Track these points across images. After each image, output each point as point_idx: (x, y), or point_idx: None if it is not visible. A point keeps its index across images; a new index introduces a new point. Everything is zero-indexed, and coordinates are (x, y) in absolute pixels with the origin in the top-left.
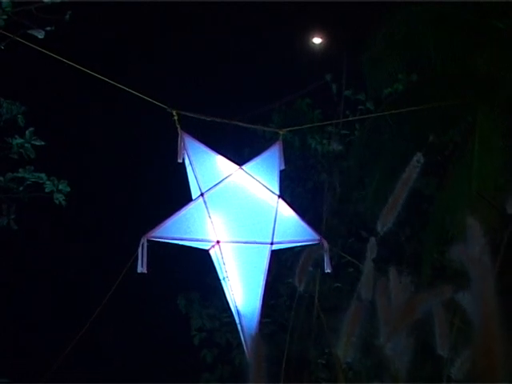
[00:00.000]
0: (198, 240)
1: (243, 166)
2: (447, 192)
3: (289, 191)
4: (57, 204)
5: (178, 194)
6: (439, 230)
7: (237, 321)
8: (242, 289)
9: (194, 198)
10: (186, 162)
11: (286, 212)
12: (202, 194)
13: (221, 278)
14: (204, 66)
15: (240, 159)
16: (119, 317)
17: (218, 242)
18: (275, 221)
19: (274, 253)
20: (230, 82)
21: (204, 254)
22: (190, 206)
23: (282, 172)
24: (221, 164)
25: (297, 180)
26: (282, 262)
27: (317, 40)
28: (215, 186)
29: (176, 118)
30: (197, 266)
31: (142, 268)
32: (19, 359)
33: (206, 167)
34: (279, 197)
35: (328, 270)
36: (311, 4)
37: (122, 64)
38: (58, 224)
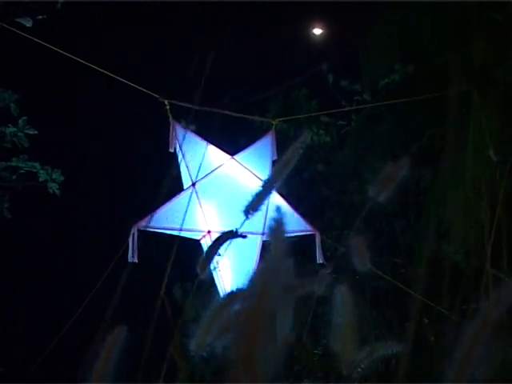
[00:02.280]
0: (188, 230)
1: (235, 156)
2: (441, 183)
3: (285, 182)
4: (51, 193)
5: (170, 184)
6: (432, 221)
7: None
8: (233, 279)
9: (185, 187)
10: (178, 151)
11: (278, 202)
12: (193, 184)
13: (211, 268)
14: (202, 56)
15: (236, 149)
16: (111, 306)
17: (208, 231)
18: (267, 211)
19: (267, 243)
20: (228, 72)
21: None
22: (181, 196)
23: (274, 162)
24: (212, 154)
25: (293, 170)
26: None
27: (317, 31)
28: (206, 175)
29: (168, 107)
30: (193, 255)
31: (132, 258)
32: (13, 348)
33: (198, 157)
34: None
35: (320, 261)
36: None
37: (115, 54)
38: (52, 213)
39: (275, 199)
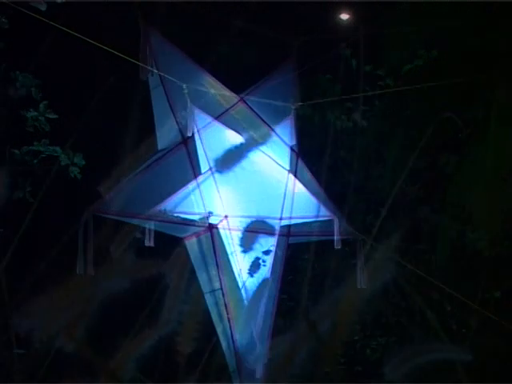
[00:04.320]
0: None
1: None
2: (465, 170)
3: (307, 167)
4: (72, 177)
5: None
6: (456, 208)
7: (243, 296)
8: (249, 263)
9: (202, 172)
10: (196, 136)
11: (297, 187)
12: (210, 169)
13: (228, 252)
14: (224, 39)
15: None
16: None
17: (226, 216)
18: (285, 196)
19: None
20: (251, 56)
21: None
22: (199, 181)
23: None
24: (231, 138)
25: (315, 156)
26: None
27: (344, 16)
28: (224, 160)
29: (186, 91)
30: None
31: (149, 242)
32: None
33: (216, 141)
34: (289, 172)
35: (338, 247)
36: None
37: (135, 39)
38: (73, 197)
39: (295, 185)
